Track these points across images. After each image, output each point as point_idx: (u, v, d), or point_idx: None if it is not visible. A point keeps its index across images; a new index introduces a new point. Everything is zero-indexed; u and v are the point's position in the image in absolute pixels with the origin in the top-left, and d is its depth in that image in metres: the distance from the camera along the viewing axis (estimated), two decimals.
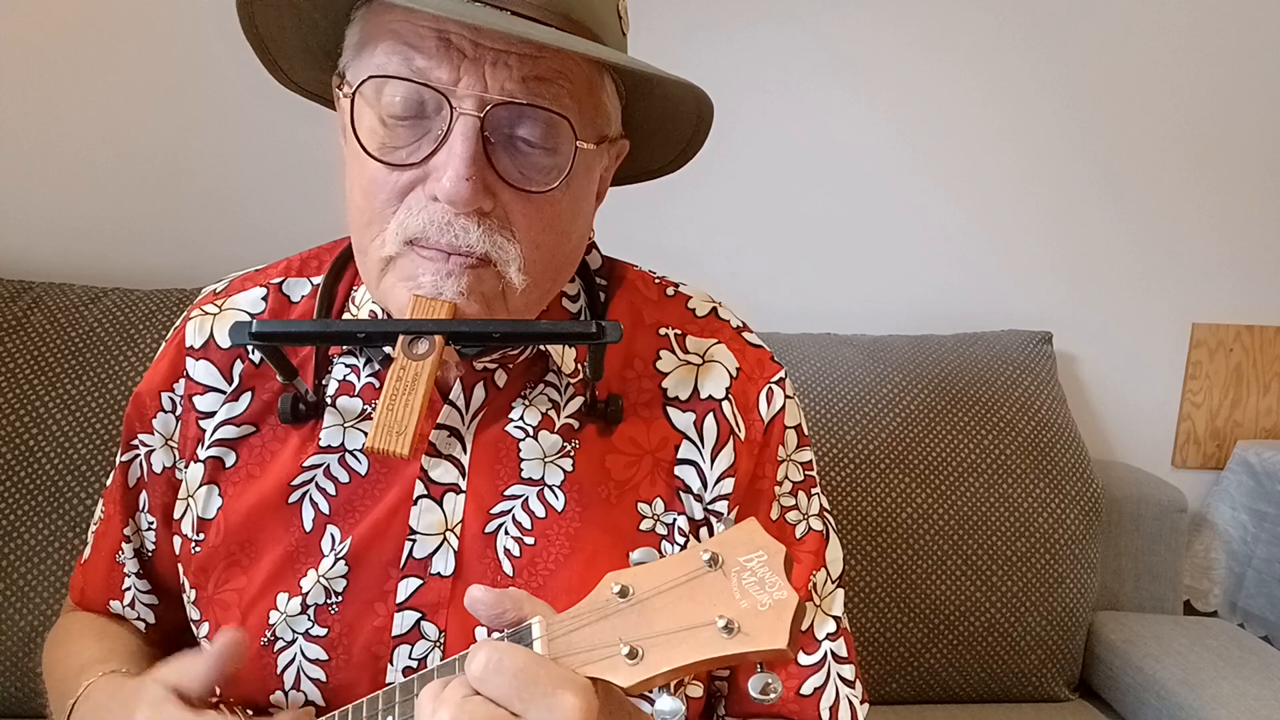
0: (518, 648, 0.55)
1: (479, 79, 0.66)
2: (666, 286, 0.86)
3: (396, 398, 0.63)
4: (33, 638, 1.26)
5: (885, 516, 1.46)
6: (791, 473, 0.82)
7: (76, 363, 1.35)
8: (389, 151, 0.68)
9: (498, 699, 0.54)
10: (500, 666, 0.53)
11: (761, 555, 0.56)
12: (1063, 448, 1.55)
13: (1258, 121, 1.76)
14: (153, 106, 1.54)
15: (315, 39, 0.75)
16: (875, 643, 1.45)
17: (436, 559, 0.75)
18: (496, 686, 0.53)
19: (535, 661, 0.54)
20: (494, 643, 0.56)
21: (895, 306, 1.74)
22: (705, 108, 0.75)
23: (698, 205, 1.67)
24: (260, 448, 0.79)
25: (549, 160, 0.69)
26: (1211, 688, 1.36)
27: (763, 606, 0.54)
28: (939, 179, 1.73)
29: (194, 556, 0.79)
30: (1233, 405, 1.85)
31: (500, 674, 0.53)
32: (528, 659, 0.54)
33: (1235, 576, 1.78)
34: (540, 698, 0.53)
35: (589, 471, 0.77)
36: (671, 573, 0.57)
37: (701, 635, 0.54)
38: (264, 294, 0.83)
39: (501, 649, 0.54)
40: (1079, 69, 1.72)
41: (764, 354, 0.84)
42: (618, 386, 0.79)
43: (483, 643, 0.56)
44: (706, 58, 1.64)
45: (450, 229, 0.67)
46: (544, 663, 0.55)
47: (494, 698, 0.54)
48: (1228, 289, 1.81)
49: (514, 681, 0.53)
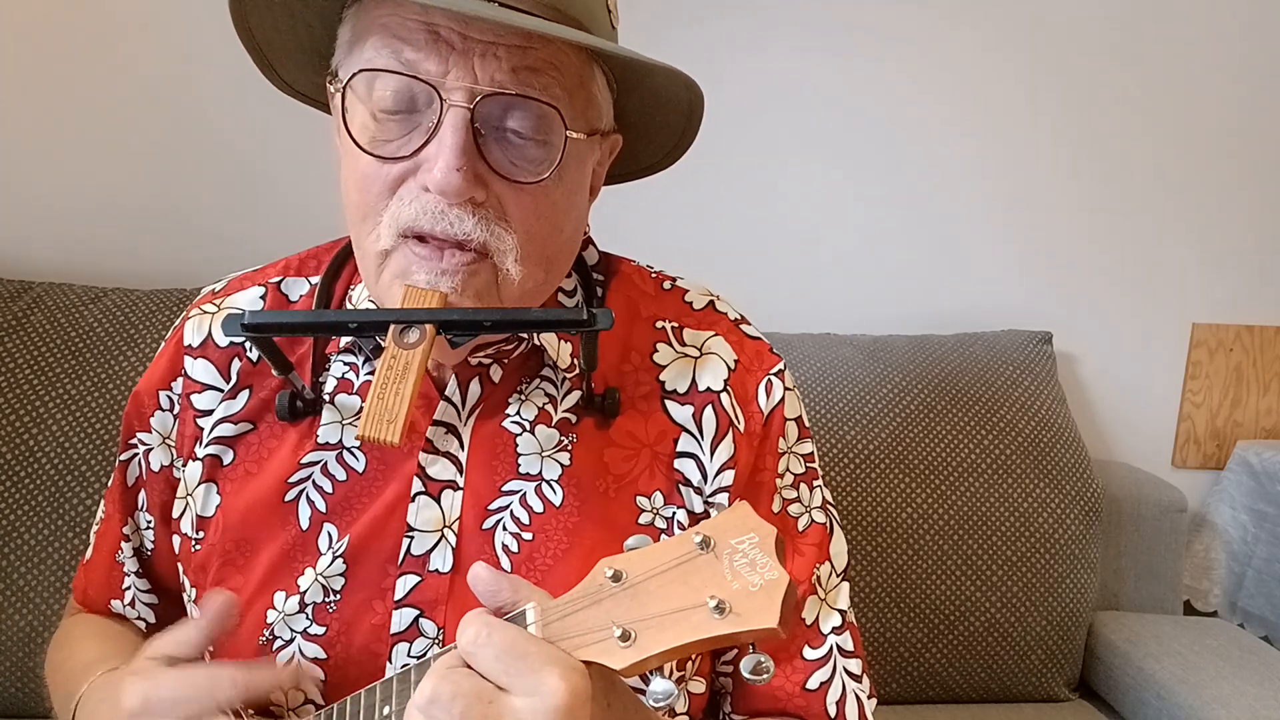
0: (508, 624, 0.56)
1: (468, 71, 0.66)
2: (663, 280, 0.86)
3: (387, 386, 0.64)
4: (33, 638, 1.26)
5: (885, 516, 1.46)
6: (793, 465, 0.82)
7: (76, 363, 1.35)
8: (380, 145, 0.68)
9: (485, 672, 0.54)
10: (489, 640, 0.54)
11: (753, 537, 0.57)
12: (1063, 448, 1.54)
13: (1257, 122, 1.76)
14: (153, 107, 1.55)
15: (309, 41, 0.75)
16: (875, 643, 1.45)
17: (434, 555, 0.75)
18: (483, 660, 0.54)
19: (524, 639, 0.55)
20: (485, 616, 0.56)
21: (895, 306, 1.74)
22: (696, 97, 0.75)
23: (697, 204, 1.67)
24: (258, 445, 0.79)
25: (539, 152, 0.69)
26: (1211, 688, 1.36)
27: (754, 587, 0.55)
28: (939, 179, 1.73)
29: (193, 555, 0.79)
30: (1233, 405, 1.85)
31: (489, 647, 0.54)
32: (516, 635, 0.55)
33: (1235, 576, 1.78)
34: (526, 673, 0.53)
35: (587, 466, 0.77)
36: (664, 556, 0.58)
37: (694, 617, 0.55)
38: (262, 293, 0.83)
39: (492, 624, 0.55)
40: (1078, 69, 1.72)
41: (762, 346, 0.84)
42: (615, 380, 0.79)
43: (474, 614, 0.56)
44: (707, 58, 1.64)
45: (444, 218, 0.67)
46: (534, 641, 0.55)
47: (481, 671, 0.54)
48: (1228, 289, 1.81)
49: (502, 656, 0.54)
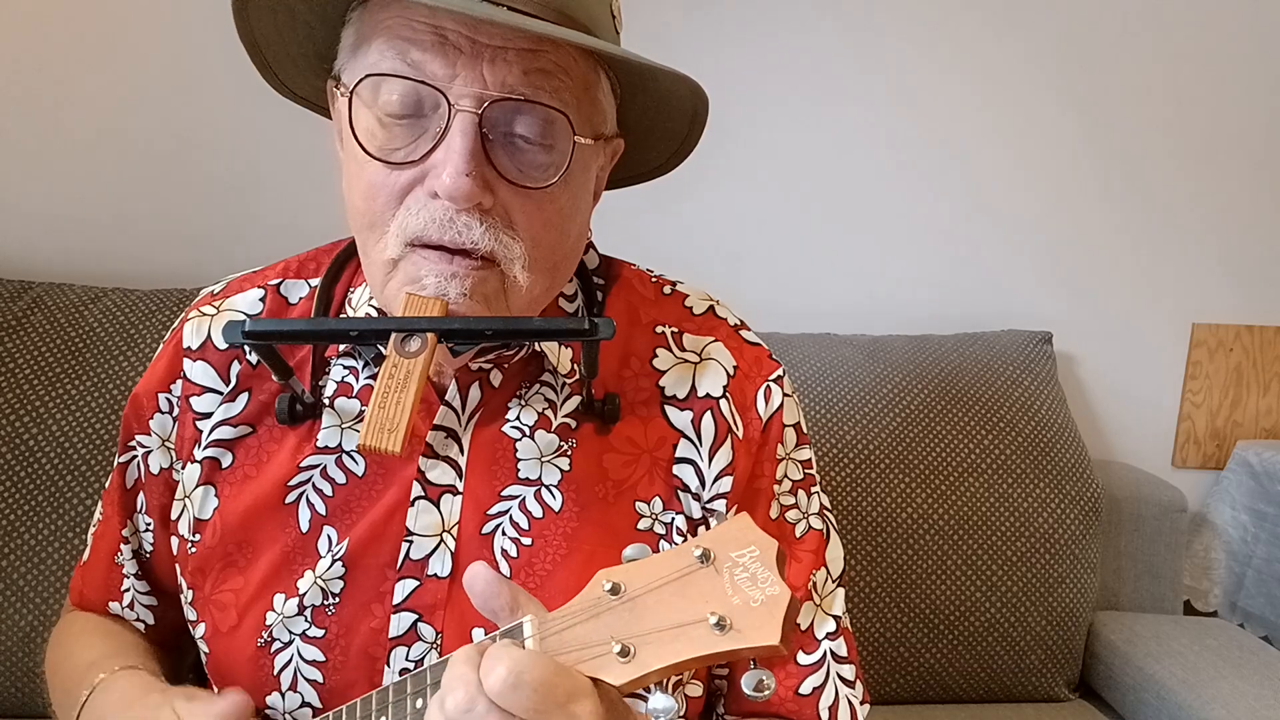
0: (537, 657, 0.54)
1: (477, 76, 0.65)
2: (663, 285, 0.86)
3: (389, 395, 0.63)
4: (33, 638, 1.26)
5: (885, 516, 1.46)
6: (791, 471, 0.82)
7: (76, 363, 1.35)
8: (387, 152, 0.68)
9: (518, 712, 0.52)
10: (521, 681, 0.52)
11: (754, 551, 0.56)
12: (1063, 448, 1.54)
13: (1257, 121, 1.76)
14: (153, 106, 1.54)
15: (310, 43, 0.75)
16: (875, 643, 1.45)
17: (433, 560, 0.75)
18: (517, 700, 0.52)
19: (554, 672, 0.53)
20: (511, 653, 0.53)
21: (895, 306, 1.74)
22: (700, 102, 0.74)
23: (698, 206, 1.67)
24: (257, 448, 0.79)
25: (546, 157, 0.69)
26: (1211, 688, 1.36)
27: (755, 603, 0.54)
28: (939, 179, 1.73)
29: (191, 557, 0.79)
30: (1233, 405, 1.85)
31: (520, 689, 0.52)
32: (546, 670, 0.53)
33: (1235, 576, 1.78)
34: (555, 709, 0.52)
35: (586, 471, 0.77)
36: (663, 569, 0.56)
37: (693, 632, 0.53)
38: (262, 295, 0.83)
39: (522, 662, 0.53)
40: (1078, 69, 1.71)
41: (762, 352, 0.84)
42: (615, 385, 0.79)
43: (498, 654, 0.54)
44: (706, 59, 1.64)
45: (452, 226, 0.67)
46: (561, 672, 0.54)
47: (514, 711, 0.52)
48: (1228, 289, 1.81)
49: (534, 695, 0.52)
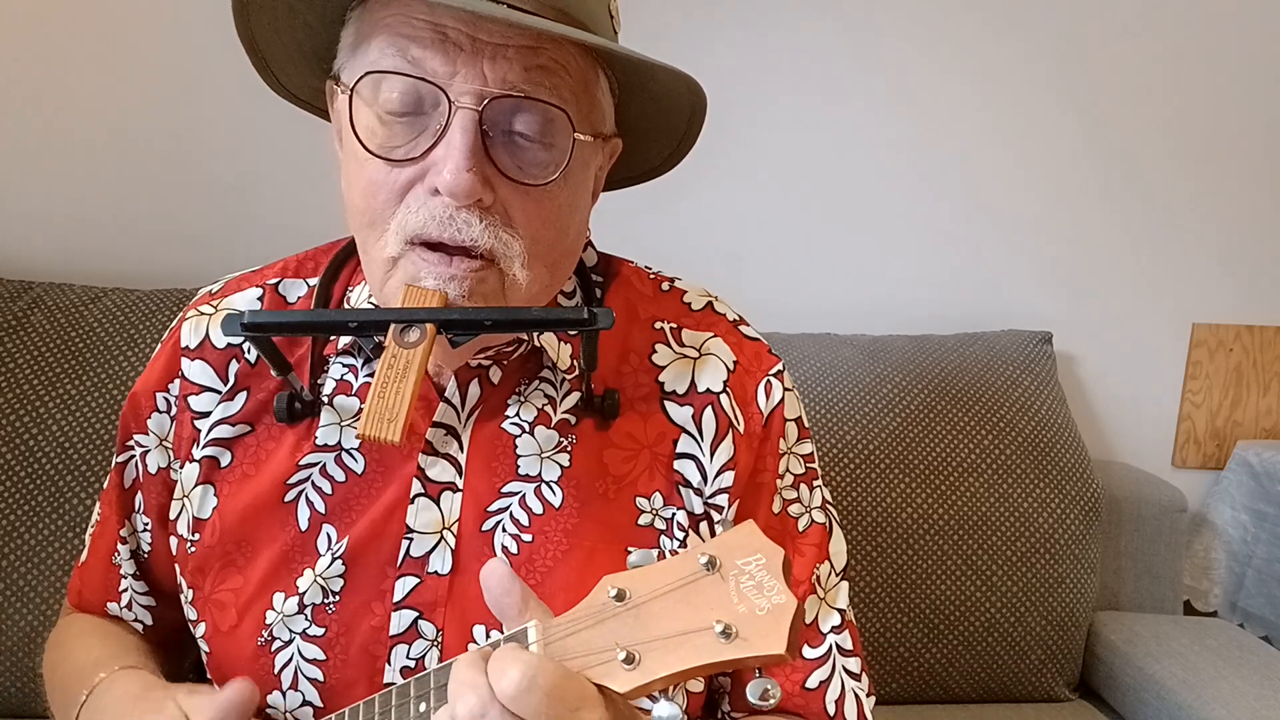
0: (548, 662, 0.54)
1: (477, 73, 0.66)
2: (662, 281, 0.86)
3: (388, 385, 0.63)
4: (33, 638, 1.26)
5: (885, 516, 1.46)
6: (793, 465, 0.82)
7: (76, 363, 1.35)
8: (388, 149, 0.68)
9: (529, 717, 0.52)
10: (534, 685, 0.52)
11: (759, 558, 0.55)
12: (1063, 448, 1.54)
13: (1257, 121, 1.76)
14: (153, 106, 1.55)
15: (309, 43, 0.75)
16: (875, 643, 1.45)
17: (434, 557, 0.75)
18: (530, 704, 0.52)
19: (565, 677, 0.53)
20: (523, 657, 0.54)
21: (895, 306, 1.74)
22: (698, 99, 0.74)
23: (697, 205, 1.67)
24: (256, 447, 0.79)
25: (546, 154, 0.69)
26: (1211, 688, 1.36)
27: (761, 611, 0.53)
28: (939, 179, 1.73)
29: (190, 556, 0.79)
30: (1233, 405, 1.85)
31: (534, 692, 0.52)
32: (557, 675, 0.53)
33: (1235, 576, 1.78)
34: (566, 714, 0.52)
35: (586, 467, 0.77)
36: (668, 576, 0.56)
37: (699, 640, 0.53)
38: (260, 294, 0.83)
39: (534, 665, 0.53)
40: (1078, 69, 1.71)
41: (761, 347, 0.84)
42: (614, 381, 0.79)
43: (509, 657, 0.54)
44: (706, 58, 1.64)
45: (452, 223, 0.67)
46: (571, 677, 0.54)
47: (526, 715, 0.52)
48: (1228, 289, 1.81)
49: (546, 699, 0.52)
